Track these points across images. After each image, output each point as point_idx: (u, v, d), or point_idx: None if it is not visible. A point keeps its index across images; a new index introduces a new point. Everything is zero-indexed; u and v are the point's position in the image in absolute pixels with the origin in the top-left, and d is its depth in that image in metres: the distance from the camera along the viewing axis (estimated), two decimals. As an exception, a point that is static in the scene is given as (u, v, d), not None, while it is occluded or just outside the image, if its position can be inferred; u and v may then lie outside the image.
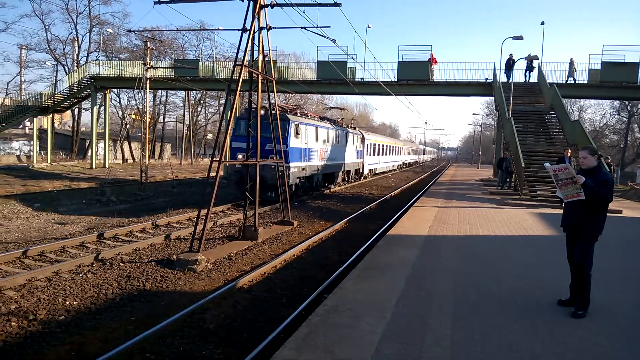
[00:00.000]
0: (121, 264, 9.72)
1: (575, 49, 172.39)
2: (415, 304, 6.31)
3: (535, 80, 31.38)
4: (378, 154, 40.21)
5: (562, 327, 5.61)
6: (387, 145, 45.33)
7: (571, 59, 30.48)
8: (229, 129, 11.34)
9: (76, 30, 51.44)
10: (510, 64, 30.17)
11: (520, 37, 28.50)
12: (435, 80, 32.00)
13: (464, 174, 45.44)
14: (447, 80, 32.13)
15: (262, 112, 13.99)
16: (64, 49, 52.23)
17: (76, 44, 52.01)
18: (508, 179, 25.44)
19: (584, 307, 6.00)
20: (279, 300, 8.11)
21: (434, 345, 4.94)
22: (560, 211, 6.50)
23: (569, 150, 17.83)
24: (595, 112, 69.17)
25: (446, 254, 9.52)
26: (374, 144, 38.28)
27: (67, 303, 7.46)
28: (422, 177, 46.60)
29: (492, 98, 37.77)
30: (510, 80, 27.87)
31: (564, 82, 30.11)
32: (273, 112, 14.79)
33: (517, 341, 5.14)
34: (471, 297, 6.68)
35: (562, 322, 5.79)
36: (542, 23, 35.18)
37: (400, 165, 56.40)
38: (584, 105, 65.33)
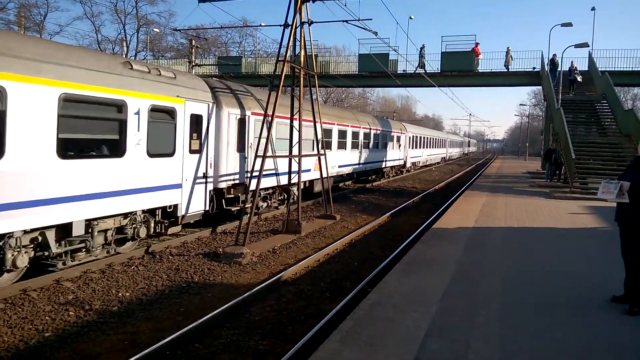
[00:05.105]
0: (170, 257, 10.01)
1: (629, 35, 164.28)
2: (461, 299, 6.22)
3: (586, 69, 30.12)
4: None
5: (616, 325, 5.42)
6: None
7: (507, 47, 30.68)
8: (272, 124, 11.45)
9: (124, 30, 53.38)
10: (555, 66, 28.86)
11: (569, 24, 27.55)
12: (479, 70, 31.24)
13: (510, 166, 44.32)
14: (493, 71, 31.31)
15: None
16: (113, 49, 54.18)
17: (124, 44, 53.81)
18: (557, 171, 24.64)
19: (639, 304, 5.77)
20: (323, 293, 8.17)
21: (481, 342, 4.87)
22: (614, 204, 6.25)
23: None
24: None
25: (493, 249, 9.34)
26: None
27: (120, 294, 7.77)
28: (466, 170, 45.77)
29: (540, 87, 36.54)
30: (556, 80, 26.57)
31: (615, 69, 28.72)
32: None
33: (567, 339, 5.00)
34: (519, 293, 6.53)
35: (616, 319, 5.60)
36: (593, 9, 33.73)
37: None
38: (638, 93, 62.46)
